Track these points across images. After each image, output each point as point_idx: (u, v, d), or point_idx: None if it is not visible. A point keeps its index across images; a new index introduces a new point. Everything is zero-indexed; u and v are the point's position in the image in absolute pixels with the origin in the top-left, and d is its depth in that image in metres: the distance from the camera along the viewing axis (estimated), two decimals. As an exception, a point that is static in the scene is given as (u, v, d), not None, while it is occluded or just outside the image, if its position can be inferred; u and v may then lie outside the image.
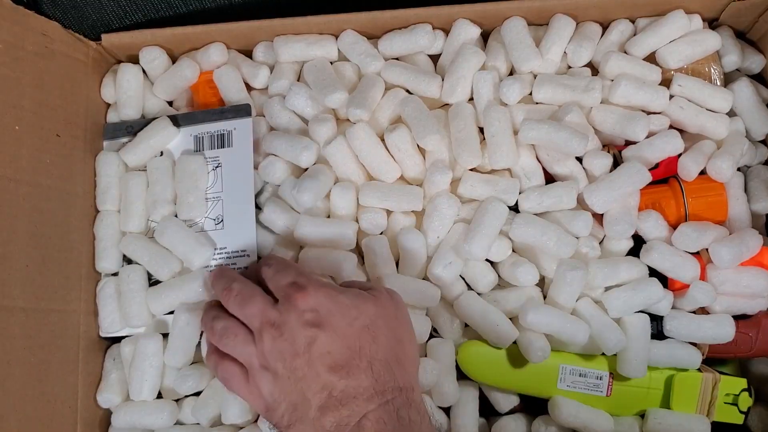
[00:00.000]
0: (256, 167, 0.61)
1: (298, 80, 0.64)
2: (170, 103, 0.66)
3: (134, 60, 0.65)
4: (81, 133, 0.62)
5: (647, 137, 0.60)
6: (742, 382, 0.59)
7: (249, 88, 0.65)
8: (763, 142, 0.64)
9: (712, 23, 0.66)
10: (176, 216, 0.60)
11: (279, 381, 0.45)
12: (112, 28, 0.66)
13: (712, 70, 0.63)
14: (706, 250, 0.58)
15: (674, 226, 0.60)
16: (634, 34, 0.64)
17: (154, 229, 0.60)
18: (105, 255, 0.60)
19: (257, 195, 0.62)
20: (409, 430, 0.43)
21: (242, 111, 0.62)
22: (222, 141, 0.61)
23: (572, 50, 0.62)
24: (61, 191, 0.59)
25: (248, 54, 0.66)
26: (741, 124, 0.63)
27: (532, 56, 0.60)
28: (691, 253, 0.59)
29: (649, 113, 0.61)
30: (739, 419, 0.59)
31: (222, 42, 0.65)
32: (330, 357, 0.44)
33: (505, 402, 0.59)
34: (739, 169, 0.63)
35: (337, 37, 0.64)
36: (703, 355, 0.58)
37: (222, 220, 0.59)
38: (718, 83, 0.63)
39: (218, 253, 0.59)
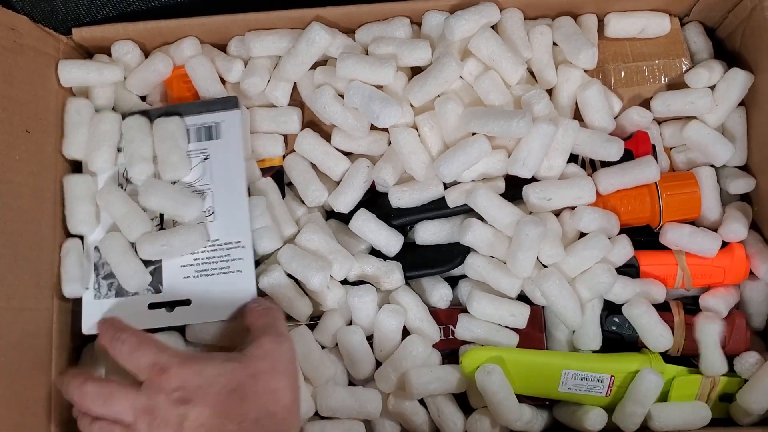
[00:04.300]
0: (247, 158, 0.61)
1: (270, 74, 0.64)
2: (143, 98, 0.65)
3: (107, 53, 0.64)
4: (51, 129, 0.61)
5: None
6: (740, 382, 0.59)
7: (223, 83, 0.64)
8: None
9: (683, 19, 0.67)
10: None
11: None
12: (83, 22, 0.65)
13: (683, 66, 0.64)
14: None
15: (649, 223, 0.62)
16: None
17: (130, 185, 0.59)
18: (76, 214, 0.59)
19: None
20: None
21: (230, 103, 0.61)
22: (209, 133, 0.60)
23: None
24: (31, 188, 0.58)
25: (223, 48, 0.66)
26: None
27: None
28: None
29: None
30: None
31: (196, 36, 0.64)
32: (203, 428, 0.47)
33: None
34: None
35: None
36: (678, 352, 0.59)
37: (213, 212, 0.58)
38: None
39: (210, 246, 0.58)
